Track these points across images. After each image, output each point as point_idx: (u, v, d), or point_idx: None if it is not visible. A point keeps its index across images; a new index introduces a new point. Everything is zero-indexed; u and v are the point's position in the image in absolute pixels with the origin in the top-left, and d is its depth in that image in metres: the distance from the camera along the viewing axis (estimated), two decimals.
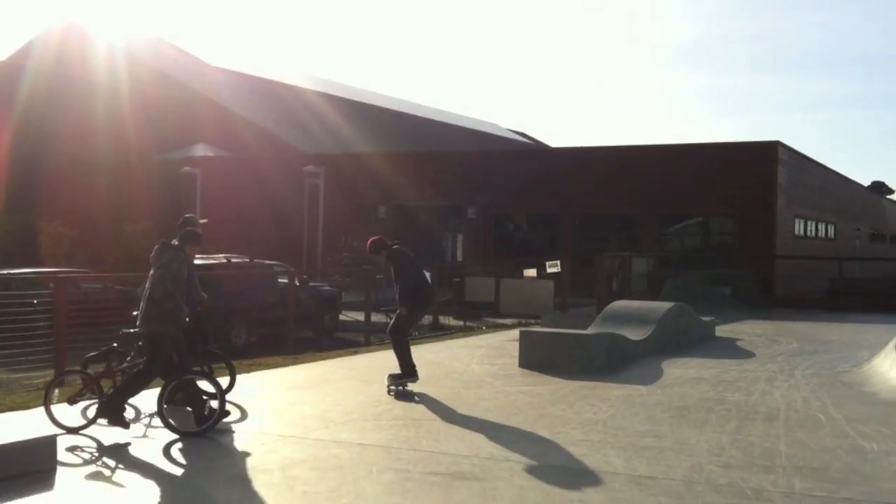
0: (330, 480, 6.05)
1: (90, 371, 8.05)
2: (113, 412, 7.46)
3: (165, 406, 7.57)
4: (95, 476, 6.36)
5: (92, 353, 8.48)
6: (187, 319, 7.85)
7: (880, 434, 7.55)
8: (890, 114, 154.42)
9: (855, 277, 27.67)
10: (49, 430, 7.05)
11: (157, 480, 6.31)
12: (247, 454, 6.83)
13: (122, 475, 6.42)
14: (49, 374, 10.19)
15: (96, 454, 6.93)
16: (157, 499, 5.83)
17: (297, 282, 17.45)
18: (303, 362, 12.09)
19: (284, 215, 32.68)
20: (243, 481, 6.09)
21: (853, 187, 42.69)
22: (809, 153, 38.28)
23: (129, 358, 8.36)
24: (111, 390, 7.78)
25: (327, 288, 20.55)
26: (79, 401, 8.05)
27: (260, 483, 6.01)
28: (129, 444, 7.22)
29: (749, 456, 6.81)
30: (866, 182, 53.60)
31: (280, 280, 18.11)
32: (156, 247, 7.86)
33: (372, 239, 10.03)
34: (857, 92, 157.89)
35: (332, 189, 33.05)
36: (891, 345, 10.91)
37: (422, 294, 9.89)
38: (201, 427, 7.46)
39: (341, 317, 19.95)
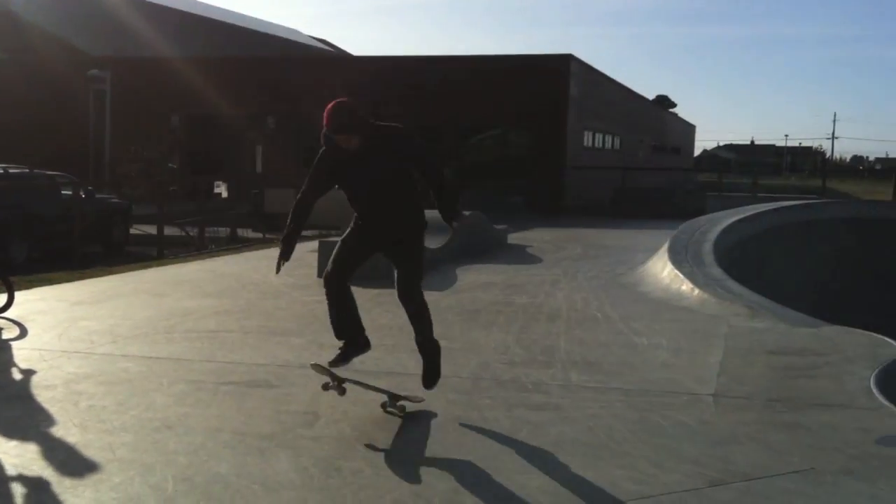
0: (117, 394, 5.91)
1: None
2: None
3: None
4: None
5: None
6: None
7: (650, 329, 8.21)
8: (676, 29, 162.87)
9: (637, 186, 29.42)
10: None
11: None
12: (28, 371, 6.53)
13: None
14: None
15: None
16: None
17: (82, 193, 16.59)
18: (89, 277, 11.58)
19: (68, 122, 30.68)
20: (24, 398, 5.84)
21: (638, 101, 44.99)
22: (600, 67, 39.84)
23: None
24: None
25: (116, 200, 19.64)
26: None
27: (42, 399, 5.79)
28: None
29: (532, 353, 7.23)
30: (651, 96, 56.55)
31: (64, 192, 17.12)
32: None
33: (337, 102, 5.34)
34: (648, 8, 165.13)
35: (121, 95, 31.26)
36: (663, 248, 11.78)
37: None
38: None
39: (132, 230, 19.15)
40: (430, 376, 5.68)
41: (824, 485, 4.49)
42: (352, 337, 5.78)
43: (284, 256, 5.45)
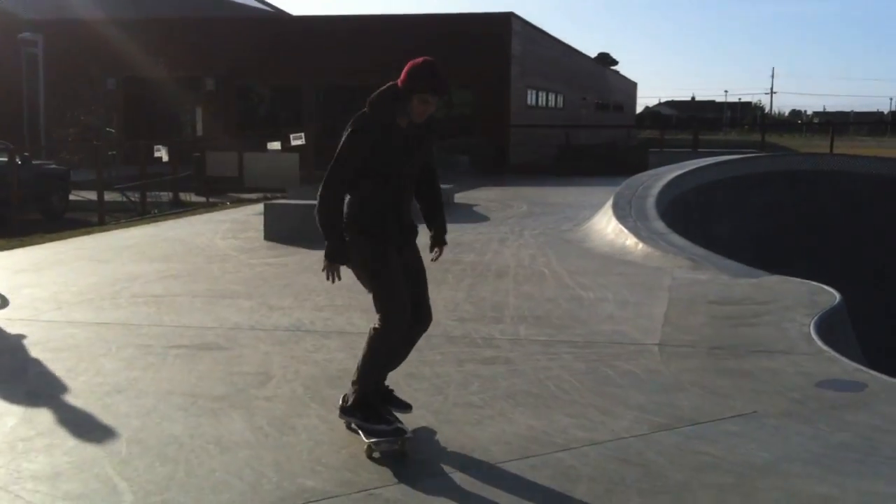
0: (66, 360, 5.84)
1: None
2: None
3: None
4: None
5: None
6: None
7: (596, 283, 8.34)
8: None
9: (581, 144, 29.60)
10: None
11: None
12: None
13: None
14: None
15: None
16: None
17: (18, 160, 16.19)
18: (29, 244, 11.36)
19: (0, 87, 29.80)
20: None
21: (581, 59, 45.10)
22: (541, 25, 39.83)
23: None
24: None
25: (54, 166, 19.19)
26: None
27: None
28: None
29: (481, 309, 7.31)
30: (593, 54, 56.62)
31: None
32: None
33: (433, 60, 4.45)
34: None
35: (54, 59, 30.43)
36: (607, 204, 11.92)
37: None
38: None
39: (71, 196, 18.75)
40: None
41: (766, 427, 4.64)
42: (378, 391, 4.52)
43: (335, 273, 4.34)
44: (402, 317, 4.27)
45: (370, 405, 4.35)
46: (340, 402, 4.53)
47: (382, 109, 4.34)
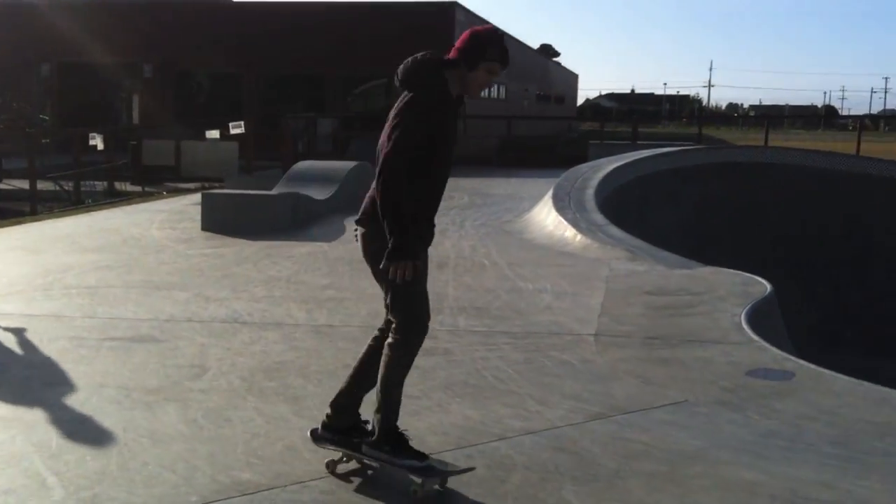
0: None
1: None
2: None
3: None
4: None
5: None
6: None
7: (535, 275, 8.41)
8: None
9: (522, 136, 29.75)
10: None
11: None
12: None
13: None
14: None
15: None
16: None
17: None
18: None
19: None
20: None
21: (523, 50, 45.30)
22: (484, 15, 39.92)
23: None
24: None
25: None
26: None
27: None
28: None
29: None
30: (535, 45, 56.94)
31: None
32: None
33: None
34: None
35: None
36: (547, 195, 12.02)
37: None
38: None
39: (2, 185, 18.32)
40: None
41: (698, 415, 4.74)
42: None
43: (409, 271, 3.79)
44: (425, 328, 3.95)
45: (397, 434, 3.83)
46: (370, 437, 3.86)
47: (443, 82, 3.75)
